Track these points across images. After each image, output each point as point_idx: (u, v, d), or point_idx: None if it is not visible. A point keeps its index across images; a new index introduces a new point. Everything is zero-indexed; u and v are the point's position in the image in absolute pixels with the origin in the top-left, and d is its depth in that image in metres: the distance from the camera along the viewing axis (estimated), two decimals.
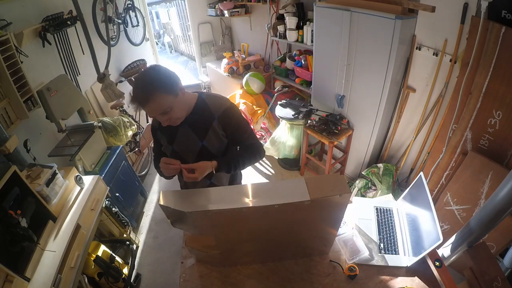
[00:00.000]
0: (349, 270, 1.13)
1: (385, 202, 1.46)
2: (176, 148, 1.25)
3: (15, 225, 1.23)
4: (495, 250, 1.62)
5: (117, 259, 1.91)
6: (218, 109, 1.18)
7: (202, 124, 1.18)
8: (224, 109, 1.19)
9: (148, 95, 1.01)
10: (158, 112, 1.06)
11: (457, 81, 1.78)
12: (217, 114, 1.18)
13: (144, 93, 1.01)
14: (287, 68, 3.26)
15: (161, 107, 1.04)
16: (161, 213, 2.61)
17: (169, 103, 1.05)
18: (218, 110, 1.18)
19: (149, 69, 1.07)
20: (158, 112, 1.05)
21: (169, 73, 1.07)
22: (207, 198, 0.91)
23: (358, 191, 2.45)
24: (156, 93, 1.01)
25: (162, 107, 1.04)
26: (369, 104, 2.29)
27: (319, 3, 2.34)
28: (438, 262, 1.08)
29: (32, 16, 2.08)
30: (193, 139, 1.20)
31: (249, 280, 1.16)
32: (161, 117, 1.08)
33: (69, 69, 2.42)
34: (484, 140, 1.70)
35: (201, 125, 1.19)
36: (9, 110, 1.79)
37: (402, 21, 1.80)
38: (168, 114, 1.07)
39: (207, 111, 1.18)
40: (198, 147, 1.21)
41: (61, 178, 1.64)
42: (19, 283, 1.19)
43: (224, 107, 1.19)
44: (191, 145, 1.22)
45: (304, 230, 1.07)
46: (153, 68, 1.07)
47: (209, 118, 1.18)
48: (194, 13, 4.33)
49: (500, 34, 1.47)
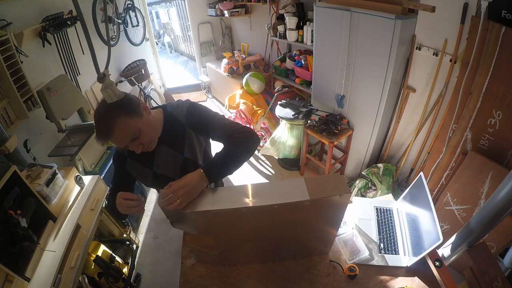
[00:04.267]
0: (349, 270, 1.13)
1: (385, 202, 1.46)
2: (157, 170, 1.15)
3: (15, 225, 1.23)
4: (495, 250, 1.62)
5: (117, 259, 1.91)
6: (182, 113, 1.10)
7: (177, 137, 1.11)
8: (186, 110, 1.10)
9: (111, 123, 0.92)
10: (127, 140, 0.96)
11: (457, 81, 1.78)
12: (184, 119, 1.10)
13: (106, 123, 0.93)
14: (287, 68, 3.26)
15: (128, 133, 0.95)
16: (161, 213, 2.60)
17: (135, 125, 0.96)
18: (182, 114, 1.10)
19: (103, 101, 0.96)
20: (127, 139, 0.96)
21: (126, 96, 0.99)
22: (207, 198, 0.91)
23: (358, 191, 2.45)
24: (118, 119, 0.93)
25: (129, 132, 0.95)
26: (369, 104, 2.29)
27: (319, 3, 2.34)
28: (438, 262, 1.08)
29: (32, 16, 2.08)
30: (173, 155, 1.12)
31: (249, 280, 1.16)
32: (132, 144, 0.98)
33: (69, 69, 2.42)
34: (484, 140, 1.70)
35: (176, 138, 1.11)
36: (9, 110, 1.79)
37: (402, 21, 1.80)
38: (139, 140, 0.98)
39: (176, 122, 1.10)
40: (180, 161, 1.13)
41: (61, 178, 1.64)
42: (19, 283, 1.19)
43: (186, 109, 1.11)
44: (173, 161, 1.13)
45: (304, 230, 1.07)
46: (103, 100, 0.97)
47: (180, 128, 1.10)
48: (194, 13, 4.33)
49: (500, 34, 1.47)
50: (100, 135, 0.94)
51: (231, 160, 0.98)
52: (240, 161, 1.00)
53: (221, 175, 0.98)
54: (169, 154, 1.12)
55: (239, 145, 1.00)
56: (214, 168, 0.96)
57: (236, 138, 1.01)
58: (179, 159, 1.12)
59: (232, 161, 0.98)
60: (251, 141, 1.03)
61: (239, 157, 0.99)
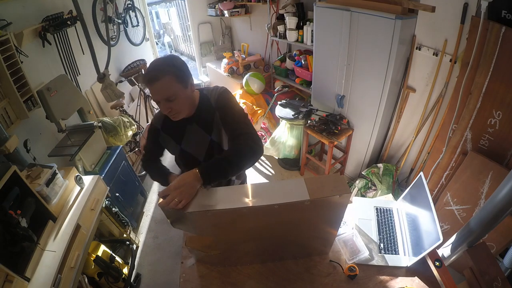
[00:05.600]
0: (349, 270, 1.13)
1: (385, 202, 1.46)
2: (185, 147, 1.23)
3: (15, 225, 1.23)
4: (495, 250, 1.62)
5: (117, 259, 1.91)
6: (214, 97, 1.18)
7: (207, 118, 1.18)
8: (218, 95, 1.18)
9: (159, 74, 1.01)
10: (163, 96, 1.04)
11: (457, 81, 1.78)
12: (214, 103, 1.17)
13: (156, 71, 1.02)
14: (287, 68, 3.26)
15: (167, 91, 1.03)
16: (161, 213, 2.61)
17: (176, 90, 1.04)
18: (214, 98, 1.18)
19: (168, 55, 1.09)
20: (163, 95, 1.04)
21: (185, 65, 1.08)
22: (207, 198, 0.91)
23: (358, 191, 2.45)
24: (167, 75, 1.01)
25: (168, 91, 1.03)
26: (369, 104, 2.29)
27: (319, 3, 2.34)
28: (438, 262, 1.08)
29: (32, 16, 2.08)
30: (202, 135, 1.19)
31: (249, 280, 1.16)
32: (164, 103, 1.06)
33: (69, 69, 2.42)
34: (484, 140, 1.70)
35: (206, 119, 1.18)
36: (9, 110, 1.79)
37: (402, 21, 1.80)
38: (171, 103, 1.05)
39: (208, 104, 1.18)
40: (207, 142, 1.20)
41: (61, 178, 1.64)
42: (19, 283, 1.19)
43: (218, 93, 1.18)
44: (201, 141, 1.20)
45: (304, 230, 1.07)
46: (171, 55, 1.09)
47: (211, 110, 1.17)
48: (194, 13, 4.33)
49: (500, 34, 1.47)
50: (145, 78, 1.04)
51: (229, 165, 0.98)
52: (238, 168, 1.00)
53: (216, 178, 0.97)
54: (198, 134, 1.19)
55: (240, 152, 1.01)
56: (209, 169, 0.96)
57: (240, 144, 1.03)
58: (206, 140, 1.20)
59: (230, 166, 0.98)
60: (253, 151, 1.03)
61: (237, 164, 0.99)
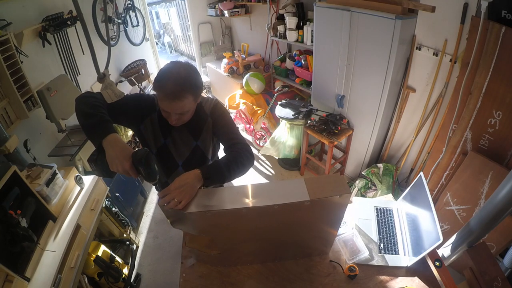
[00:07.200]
0: (349, 270, 1.13)
1: (385, 202, 1.46)
2: (168, 144, 1.21)
3: (15, 225, 1.23)
4: (495, 250, 1.62)
5: (117, 259, 1.91)
6: (209, 106, 1.19)
7: (197, 123, 1.18)
8: (214, 104, 1.20)
9: (180, 95, 0.97)
10: (178, 112, 1.02)
11: (457, 81, 1.78)
12: (209, 111, 1.19)
13: (178, 89, 0.97)
14: (287, 68, 3.26)
15: (184, 108, 1.02)
16: (161, 213, 2.61)
17: (191, 107, 1.04)
18: (209, 106, 1.19)
19: (186, 66, 1.02)
20: (178, 111, 1.02)
21: (201, 80, 1.06)
22: (207, 198, 0.91)
23: (358, 191, 2.45)
24: (188, 94, 0.99)
25: (186, 108, 1.02)
26: (369, 104, 2.29)
27: (319, 3, 2.34)
28: (438, 262, 1.08)
29: (32, 16, 2.08)
30: (187, 138, 1.20)
31: (249, 280, 1.16)
32: (174, 115, 1.04)
33: (69, 69, 2.42)
34: (484, 140, 1.70)
35: (196, 125, 1.18)
36: (9, 110, 1.79)
37: (402, 21, 1.80)
38: (183, 116, 1.05)
39: (202, 111, 1.18)
40: (191, 147, 1.21)
41: (61, 178, 1.64)
42: (19, 283, 1.19)
43: (214, 103, 1.20)
44: (185, 144, 1.21)
45: (304, 230, 1.07)
46: (190, 67, 1.03)
47: (203, 117, 1.18)
48: (194, 13, 4.32)
49: (500, 34, 1.47)
50: (164, 91, 0.97)
51: (228, 170, 1.01)
52: (234, 174, 1.03)
53: (215, 181, 0.99)
54: (185, 136, 1.20)
55: (238, 159, 1.05)
56: (211, 170, 0.99)
57: (238, 152, 1.08)
58: (191, 144, 1.21)
59: (229, 171, 1.01)
60: (249, 161, 1.09)
61: (235, 170, 1.03)
